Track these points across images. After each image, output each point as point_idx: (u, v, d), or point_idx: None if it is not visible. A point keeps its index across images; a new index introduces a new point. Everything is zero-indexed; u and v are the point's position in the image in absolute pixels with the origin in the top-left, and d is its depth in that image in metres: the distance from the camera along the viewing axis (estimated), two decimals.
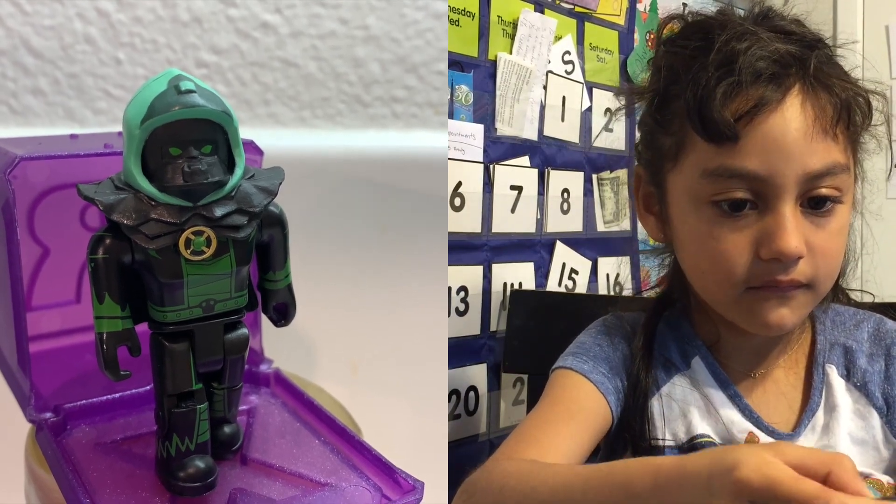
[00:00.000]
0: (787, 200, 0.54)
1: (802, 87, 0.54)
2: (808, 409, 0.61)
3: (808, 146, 0.54)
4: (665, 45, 0.61)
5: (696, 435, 0.60)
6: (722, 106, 0.53)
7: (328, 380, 0.74)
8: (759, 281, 0.56)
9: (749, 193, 0.55)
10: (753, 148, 0.54)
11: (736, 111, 0.54)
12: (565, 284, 1.23)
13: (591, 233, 1.28)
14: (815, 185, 0.54)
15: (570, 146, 1.24)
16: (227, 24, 0.94)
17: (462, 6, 1.05)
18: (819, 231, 0.55)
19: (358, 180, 0.97)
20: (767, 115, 0.53)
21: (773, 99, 0.53)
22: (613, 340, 0.64)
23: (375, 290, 0.96)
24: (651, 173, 0.62)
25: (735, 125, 0.53)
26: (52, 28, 0.90)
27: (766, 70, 0.54)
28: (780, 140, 0.53)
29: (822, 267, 0.56)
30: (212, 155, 0.48)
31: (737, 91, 0.54)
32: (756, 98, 0.53)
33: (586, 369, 0.61)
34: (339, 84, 0.99)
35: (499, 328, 1.12)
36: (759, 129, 0.53)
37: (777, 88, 0.54)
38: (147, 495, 0.51)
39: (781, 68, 0.54)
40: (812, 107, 0.54)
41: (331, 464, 0.56)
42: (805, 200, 0.55)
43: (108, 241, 0.47)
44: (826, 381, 0.62)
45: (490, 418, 1.12)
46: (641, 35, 1.36)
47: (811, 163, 0.54)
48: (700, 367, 0.62)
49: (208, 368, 0.52)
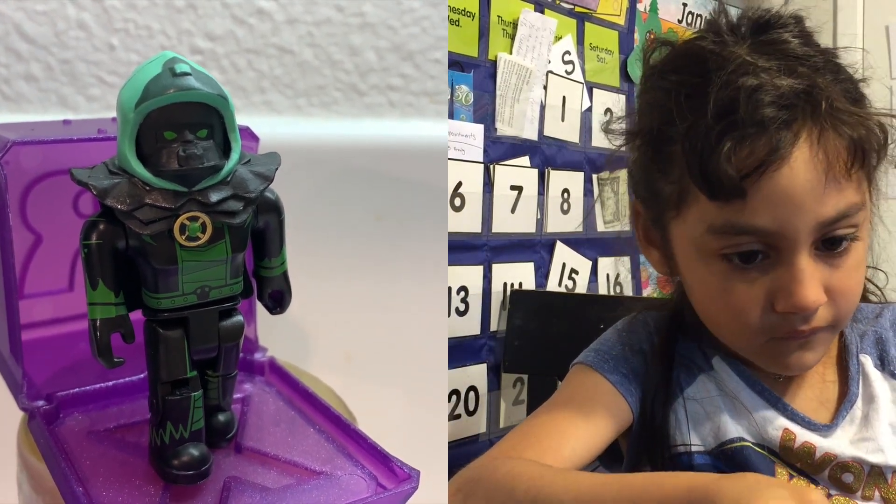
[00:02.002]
0: (801, 251, 0.51)
1: (811, 131, 0.50)
2: (846, 401, 0.59)
3: (821, 197, 0.50)
4: (653, 79, 0.56)
5: (727, 440, 0.58)
6: (726, 163, 0.49)
7: (323, 369, 0.74)
8: (778, 333, 0.53)
9: (760, 245, 0.52)
10: (762, 204, 0.50)
11: (741, 167, 0.49)
12: (565, 284, 1.24)
13: (591, 233, 1.28)
14: (829, 230, 0.51)
15: (570, 146, 1.24)
16: (222, 11, 0.93)
17: (462, 6, 1.05)
18: (836, 272, 0.52)
19: (353, 169, 0.96)
20: (776, 170, 0.49)
21: (781, 151, 0.49)
22: (639, 340, 0.62)
23: (371, 279, 0.96)
24: (651, 215, 0.59)
25: (741, 182, 0.49)
26: (45, 13, 0.89)
27: (772, 118, 0.49)
28: (791, 194, 0.49)
29: (842, 307, 0.54)
30: (207, 139, 0.47)
31: (740, 145, 0.49)
32: (763, 153, 0.49)
33: (606, 368, 0.59)
34: (335, 72, 0.98)
35: (499, 328, 1.12)
36: (768, 185, 0.49)
37: (786, 136, 0.49)
38: (140, 483, 0.51)
39: (788, 112, 0.49)
40: (824, 153, 0.50)
41: (326, 452, 0.55)
42: (819, 244, 0.52)
43: (101, 227, 0.47)
44: (862, 371, 0.60)
45: (490, 418, 1.12)
46: (641, 35, 1.36)
47: (824, 212, 0.50)
48: (722, 366, 0.60)
49: (203, 356, 0.51)
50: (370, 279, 0.96)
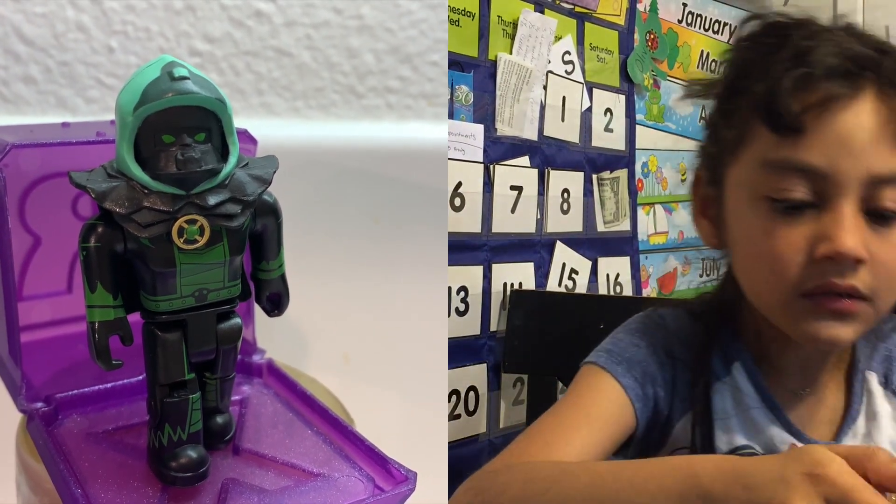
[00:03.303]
0: (847, 201, 0.51)
1: (876, 89, 0.52)
2: (848, 417, 0.59)
3: (876, 147, 0.51)
4: (738, 42, 0.58)
5: (738, 446, 0.58)
6: (790, 96, 0.51)
7: (322, 370, 0.74)
8: (812, 284, 0.52)
9: (808, 194, 0.52)
10: (818, 142, 0.51)
11: (804, 103, 0.51)
12: (565, 284, 1.24)
13: (591, 233, 1.29)
14: (879, 192, 0.51)
15: (570, 146, 1.24)
16: (220, 13, 0.93)
17: (462, 6, 1.05)
18: (881, 242, 0.52)
19: (351, 171, 0.96)
20: (836, 111, 0.51)
21: (844, 95, 0.51)
22: (654, 342, 0.61)
23: (370, 280, 0.96)
24: (711, 170, 0.60)
25: (802, 117, 0.51)
26: (44, 16, 0.89)
27: (839, 66, 0.51)
28: (847, 137, 0.51)
29: (883, 279, 0.52)
30: (205, 143, 0.47)
31: (807, 83, 0.51)
32: (826, 92, 0.51)
33: (619, 371, 0.59)
34: (333, 74, 0.98)
35: (499, 328, 1.12)
36: (826, 124, 0.51)
37: (850, 85, 0.51)
38: (139, 485, 0.51)
39: (856, 67, 0.51)
40: (884, 108, 0.51)
41: (323, 454, 0.56)
42: (868, 210, 0.52)
43: (100, 230, 0.47)
44: (866, 387, 0.60)
45: (490, 418, 1.12)
46: (641, 35, 1.36)
47: (876, 164, 0.51)
48: (741, 375, 0.60)
49: (201, 358, 0.51)
50: (369, 281, 0.96)
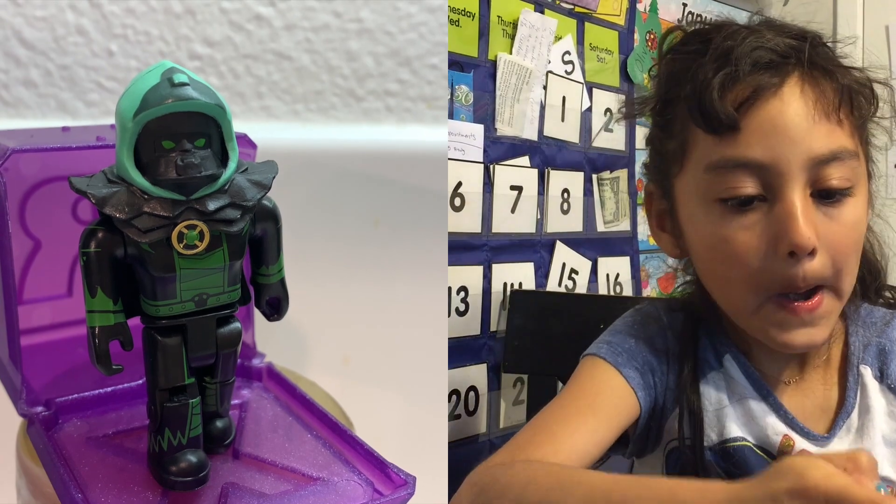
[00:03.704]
0: (795, 188, 0.52)
1: (801, 74, 0.54)
2: (842, 411, 0.59)
3: (811, 129, 0.52)
4: (665, 56, 0.60)
5: (729, 438, 0.58)
6: (720, 96, 0.53)
7: (321, 374, 0.74)
8: (776, 284, 0.53)
9: (756, 187, 0.53)
10: (755, 135, 0.53)
11: (735, 100, 0.53)
12: (565, 284, 1.24)
13: (591, 233, 1.28)
14: (823, 173, 0.52)
15: (570, 146, 1.24)
16: (220, 16, 0.93)
17: (462, 6, 1.05)
18: (832, 223, 0.53)
19: (351, 174, 0.96)
20: (766, 101, 0.53)
21: (771, 84, 0.53)
22: (650, 332, 0.62)
23: (370, 282, 0.96)
24: (660, 184, 0.61)
25: (734, 113, 0.53)
26: (44, 19, 0.89)
27: (762, 58, 0.53)
28: (781, 124, 0.52)
29: (838, 262, 0.53)
30: (205, 148, 0.47)
31: (734, 80, 0.53)
32: (754, 85, 0.53)
33: (619, 362, 0.59)
34: (333, 77, 0.99)
35: (499, 328, 1.12)
36: (759, 115, 0.53)
37: (775, 74, 0.53)
38: (139, 489, 0.51)
39: (780, 57, 0.53)
40: (812, 91, 0.53)
41: (323, 458, 0.56)
42: (815, 192, 0.53)
43: (100, 235, 0.47)
44: (861, 381, 0.60)
45: (490, 418, 1.12)
46: (641, 35, 1.36)
47: (816, 146, 0.52)
48: (732, 365, 0.60)
49: (201, 363, 0.51)
50: (369, 283, 0.96)
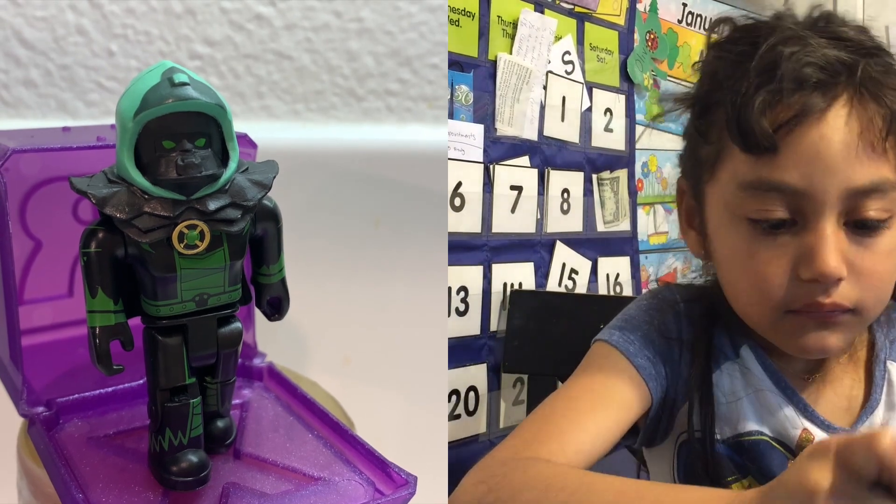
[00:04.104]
0: (828, 218, 0.50)
1: (850, 97, 0.50)
2: (867, 407, 0.58)
3: (853, 160, 0.49)
4: (711, 50, 0.57)
5: (744, 431, 0.57)
6: (760, 114, 0.50)
7: (321, 374, 0.74)
8: (798, 304, 0.52)
9: (788, 212, 0.51)
10: (793, 160, 0.50)
11: (775, 121, 0.50)
12: (565, 284, 1.24)
13: (591, 233, 1.29)
14: (860, 203, 0.50)
15: (570, 146, 1.24)
16: (220, 16, 0.93)
17: (462, 6, 1.05)
18: (865, 252, 0.51)
19: (352, 174, 0.96)
20: (809, 126, 0.50)
21: (816, 108, 0.50)
22: (664, 319, 0.60)
23: (371, 282, 0.96)
24: (692, 185, 0.59)
25: (774, 136, 0.50)
26: (44, 19, 0.89)
27: (810, 77, 0.50)
28: (823, 152, 0.49)
29: (868, 290, 0.52)
30: (205, 148, 0.47)
31: (777, 99, 0.50)
32: (798, 107, 0.50)
33: (631, 351, 0.57)
34: (333, 77, 0.99)
35: (499, 328, 1.12)
36: (800, 140, 0.50)
37: (822, 97, 0.50)
38: (140, 489, 0.51)
39: (828, 76, 0.50)
40: (859, 118, 0.50)
41: (324, 458, 0.56)
42: (851, 222, 0.51)
43: (100, 235, 0.47)
44: (888, 378, 0.58)
45: (490, 418, 1.12)
46: (641, 35, 1.36)
47: (856, 178, 0.50)
48: (749, 356, 0.59)
49: (201, 363, 0.51)
50: (369, 282, 0.96)
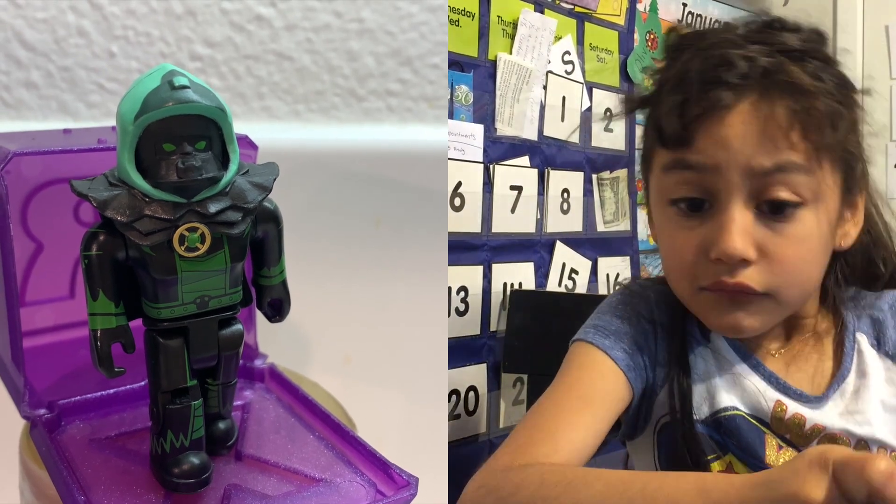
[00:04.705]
0: (735, 199, 0.54)
1: (759, 95, 0.54)
2: (839, 375, 0.60)
3: (756, 145, 0.53)
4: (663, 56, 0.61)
5: (721, 408, 0.59)
6: (673, 114, 0.55)
7: (323, 374, 0.74)
8: (707, 281, 0.56)
9: (700, 191, 0.55)
10: (702, 145, 0.54)
11: (685, 118, 0.55)
12: (565, 284, 1.24)
13: (591, 233, 1.29)
14: (766, 183, 0.53)
15: (570, 146, 1.24)
16: (221, 17, 0.93)
17: (462, 6, 1.05)
18: (776, 237, 0.54)
19: (353, 174, 0.97)
20: (717, 118, 0.54)
21: (723, 103, 0.53)
22: (637, 311, 0.63)
23: (371, 282, 0.96)
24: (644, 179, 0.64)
25: (685, 130, 0.54)
26: (45, 21, 0.89)
27: (719, 79, 0.54)
28: (728, 137, 0.53)
29: (780, 276, 0.55)
30: (206, 151, 0.47)
31: (687, 101, 0.54)
32: (706, 103, 0.54)
33: (607, 345, 0.60)
34: (334, 77, 0.99)
35: (499, 328, 1.12)
36: (708, 129, 0.54)
37: (731, 94, 0.54)
38: (142, 491, 0.51)
39: (739, 79, 0.54)
40: (763, 112, 0.53)
41: (325, 459, 0.56)
42: (762, 203, 0.54)
43: (101, 238, 0.47)
44: (858, 348, 0.61)
45: (490, 418, 1.12)
46: (641, 35, 1.36)
47: (759, 159, 0.53)
48: (718, 338, 0.61)
49: (203, 365, 0.52)
50: (370, 282, 0.96)
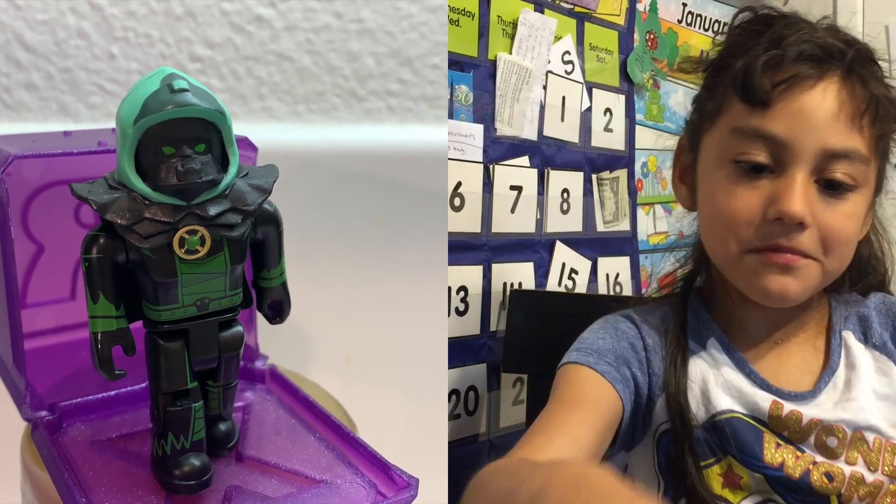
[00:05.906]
0: (801, 168, 0.57)
1: (841, 76, 0.58)
2: (828, 369, 0.63)
3: (832, 125, 0.57)
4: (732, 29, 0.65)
5: (718, 411, 0.61)
6: (762, 73, 0.58)
7: (323, 374, 0.74)
8: (761, 243, 0.58)
9: (769, 158, 0.58)
10: (782, 114, 0.58)
11: (774, 80, 0.58)
12: (565, 284, 1.24)
13: (591, 233, 1.28)
14: (831, 165, 0.58)
15: (570, 146, 1.24)
16: (221, 18, 0.93)
17: (462, 6, 1.05)
18: (829, 210, 0.58)
19: (353, 174, 0.97)
20: (801, 90, 0.58)
21: (809, 76, 0.58)
22: (618, 330, 0.66)
23: (372, 282, 0.96)
24: (691, 138, 0.66)
25: (770, 92, 0.58)
26: (45, 22, 0.89)
27: (808, 52, 0.58)
28: (807, 112, 0.57)
29: (828, 244, 0.58)
30: (205, 153, 0.48)
31: (778, 63, 0.58)
32: (794, 72, 0.58)
33: (591, 361, 0.62)
34: (334, 78, 0.99)
35: (499, 328, 1.12)
36: (791, 100, 0.58)
37: (816, 69, 0.58)
38: (143, 493, 0.51)
39: (825, 54, 0.58)
40: (845, 93, 0.58)
41: (326, 460, 0.56)
42: (821, 179, 0.58)
43: (102, 241, 0.47)
44: (844, 343, 0.64)
45: (490, 418, 1.12)
46: (641, 35, 1.36)
47: (832, 140, 0.57)
48: (715, 346, 0.64)
49: (203, 367, 0.52)
50: (370, 282, 0.96)
